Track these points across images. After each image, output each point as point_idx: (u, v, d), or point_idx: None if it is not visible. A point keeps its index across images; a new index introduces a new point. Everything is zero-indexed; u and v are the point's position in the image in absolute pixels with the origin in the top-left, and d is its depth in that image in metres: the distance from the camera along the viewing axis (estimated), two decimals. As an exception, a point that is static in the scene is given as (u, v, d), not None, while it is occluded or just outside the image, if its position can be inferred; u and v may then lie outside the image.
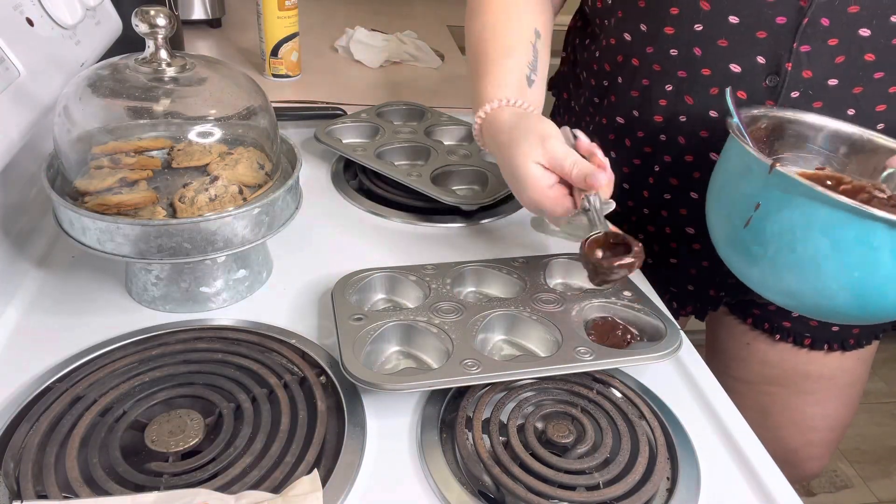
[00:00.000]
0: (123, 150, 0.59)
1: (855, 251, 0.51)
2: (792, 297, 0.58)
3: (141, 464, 0.46)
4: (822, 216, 0.51)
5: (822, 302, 0.55)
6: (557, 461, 0.48)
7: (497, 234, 0.77)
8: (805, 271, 0.54)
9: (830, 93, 0.65)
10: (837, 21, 0.62)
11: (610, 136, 0.81)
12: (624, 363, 0.55)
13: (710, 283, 0.82)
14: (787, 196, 0.53)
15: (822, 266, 0.52)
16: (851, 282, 0.52)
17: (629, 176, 0.82)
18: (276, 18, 1.11)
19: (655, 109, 0.74)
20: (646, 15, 0.70)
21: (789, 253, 0.54)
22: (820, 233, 0.52)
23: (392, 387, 0.50)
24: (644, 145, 0.77)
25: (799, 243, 0.53)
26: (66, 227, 0.57)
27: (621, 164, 0.82)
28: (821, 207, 0.51)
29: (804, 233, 0.53)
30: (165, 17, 0.56)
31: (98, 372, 0.53)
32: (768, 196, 0.55)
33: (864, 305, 0.54)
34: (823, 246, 0.52)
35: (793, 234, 0.53)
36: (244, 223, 0.57)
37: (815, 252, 0.52)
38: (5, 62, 0.62)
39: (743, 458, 0.51)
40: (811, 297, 0.56)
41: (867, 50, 0.63)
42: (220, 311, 0.62)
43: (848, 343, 0.84)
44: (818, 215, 0.52)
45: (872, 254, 0.50)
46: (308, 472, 0.46)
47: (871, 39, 0.62)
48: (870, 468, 1.74)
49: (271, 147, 0.63)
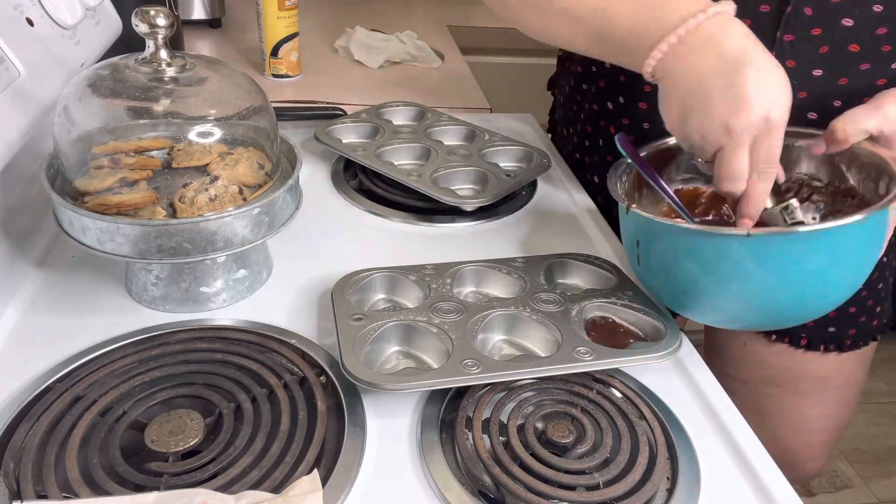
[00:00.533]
0: (123, 150, 0.59)
1: (721, 267, 0.53)
2: (705, 317, 0.60)
3: (141, 464, 0.46)
4: (682, 244, 0.55)
5: (723, 315, 0.59)
6: (557, 461, 0.48)
7: (497, 234, 0.77)
8: (693, 293, 0.56)
9: (815, 83, 0.65)
10: (820, 10, 0.62)
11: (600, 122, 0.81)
12: (624, 363, 0.55)
13: None
14: (651, 231, 0.57)
15: (702, 285, 0.55)
16: (734, 294, 0.54)
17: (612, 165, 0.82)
18: (276, 18, 1.11)
19: (640, 96, 0.74)
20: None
21: (673, 280, 0.57)
22: (687, 258, 0.54)
23: (392, 387, 0.50)
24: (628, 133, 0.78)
25: (676, 270, 0.56)
26: (66, 227, 0.57)
27: (607, 152, 0.82)
28: (677, 236, 0.55)
29: (676, 260, 0.56)
30: (165, 17, 0.56)
31: (98, 372, 0.53)
32: (641, 234, 0.59)
33: (764, 312, 0.56)
34: (694, 268, 0.54)
35: (668, 263, 0.57)
36: (244, 223, 0.57)
37: (691, 275, 0.55)
38: (5, 62, 0.62)
39: (743, 458, 0.51)
40: (713, 313, 0.59)
41: (851, 40, 0.62)
42: (220, 311, 0.62)
43: (845, 344, 0.84)
44: (679, 243, 0.55)
45: (737, 265, 0.52)
46: (308, 472, 0.46)
47: (854, 30, 0.62)
48: (870, 468, 1.74)
49: (271, 147, 0.63)
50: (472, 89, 1.18)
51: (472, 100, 1.14)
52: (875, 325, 0.85)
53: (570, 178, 0.88)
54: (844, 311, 0.82)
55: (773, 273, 0.52)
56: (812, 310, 0.57)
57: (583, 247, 0.74)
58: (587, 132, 0.85)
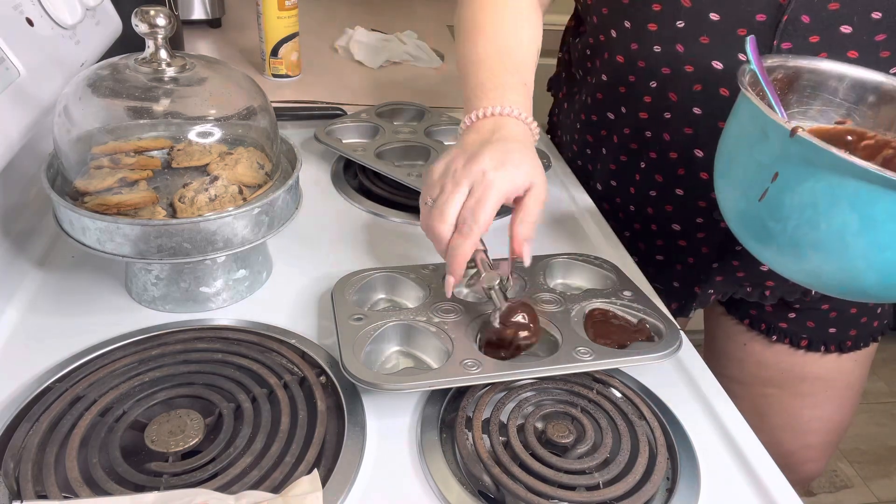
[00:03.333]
0: (123, 150, 0.59)
1: (887, 228, 0.45)
2: (813, 277, 0.52)
3: (141, 464, 0.46)
4: (850, 189, 0.45)
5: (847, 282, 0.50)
6: (557, 461, 0.48)
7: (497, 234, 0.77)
8: (830, 250, 0.48)
9: None
10: (818, 18, 0.62)
11: (602, 131, 0.82)
12: (624, 363, 0.55)
13: (696, 280, 0.82)
14: (809, 166, 0.47)
15: (849, 244, 0.47)
16: (882, 261, 0.47)
17: (616, 172, 0.82)
18: (276, 18, 1.11)
19: (640, 106, 0.74)
20: (629, 12, 0.70)
21: (812, 230, 0.48)
22: (848, 207, 0.46)
23: (392, 387, 0.50)
24: (630, 142, 0.78)
25: (823, 219, 0.47)
26: (66, 227, 0.57)
27: (609, 160, 0.82)
28: (849, 179, 0.45)
29: (829, 207, 0.47)
30: (165, 17, 0.56)
31: (98, 372, 0.53)
32: (788, 166, 0.49)
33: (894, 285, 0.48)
34: (851, 222, 0.46)
35: (816, 209, 0.48)
36: (244, 223, 0.57)
37: (842, 229, 0.47)
38: (5, 62, 0.62)
39: (743, 458, 0.51)
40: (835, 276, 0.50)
41: (849, 47, 0.62)
42: (220, 311, 0.62)
43: (845, 345, 0.84)
44: (846, 188, 0.46)
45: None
46: (308, 472, 0.46)
47: (852, 36, 0.62)
48: (870, 468, 1.74)
49: (271, 147, 0.63)
50: (472, 89, 1.18)
51: (472, 100, 1.13)
52: (875, 326, 0.84)
53: (570, 178, 0.88)
54: (845, 312, 0.82)
55: None
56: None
57: (583, 247, 0.74)
58: (587, 141, 0.85)
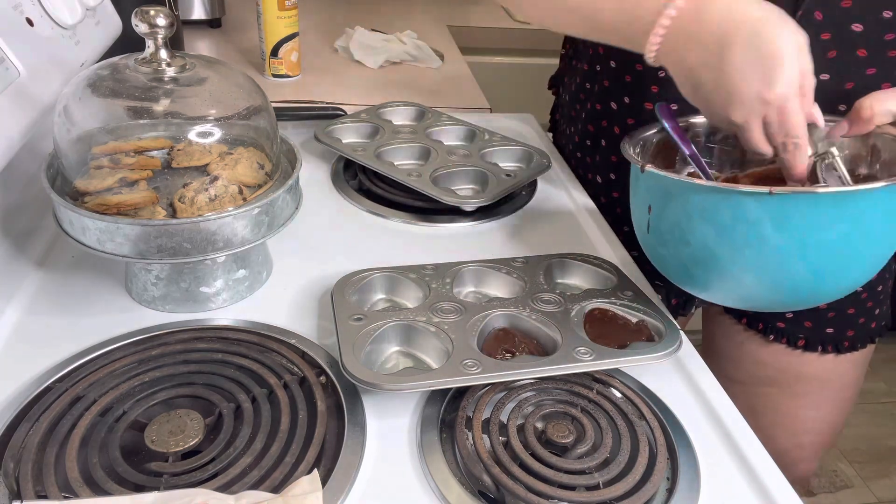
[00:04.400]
0: (123, 150, 0.59)
1: (737, 230, 0.51)
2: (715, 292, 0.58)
3: (141, 464, 0.46)
4: (696, 204, 0.52)
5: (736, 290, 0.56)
6: (557, 461, 0.48)
7: (497, 234, 0.77)
8: (705, 262, 0.54)
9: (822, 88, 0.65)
10: (830, 15, 0.62)
11: (602, 122, 0.81)
12: (624, 363, 0.55)
13: None
14: (665, 193, 0.55)
15: (715, 252, 0.53)
16: (748, 262, 0.52)
17: (616, 165, 0.82)
18: (276, 18, 1.11)
19: (647, 96, 0.74)
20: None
21: (685, 247, 0.55)
22: (700, 220, 0.52)
23: (392, 387, 0.50)
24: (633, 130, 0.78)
25: (689, 235, 0.54)
26: (65, 227, 0.57)
27: (609, 152, 0.82)
28: (692, 195, 0.52)
29: (688, 224, 0.53)
30: (165, 17, 0.56)
31: (98, 372, 0.53)
32: (654, 197, 0.56)
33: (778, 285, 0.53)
34: (709, 232, 0.52)
35: (681, 228, 0.54)
36: (244, 223, 0.57)
37: (705, 240, 0.53)
38: (5, 62, 0.62)
39: (743, 458, 0.51)
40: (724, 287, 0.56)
41: (860, 45, 0.63)
42: (220, 311, 0.62)
43: (842, 346, 0.84)
44: (693, 203, 0.53)
45: (754, 228, 0.50)
46: (308, 472, 0.46)
47: (863, 35, 0.62)
48: (870, 468, 1.74)
49: (271, 147, 0.63)
50: (472, 89, 1.18)
51: (471, 100, 1.14)
52: (873, 327, 0.84)
53: (570, 178, 0.88)
54: (843, 312, 0.82)
55: (793, 239, 0.50)
56: (828, 288, 0.55)
57: (583, 247, 0.74)
58: (588, 131, 0.85)
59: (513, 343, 0.57)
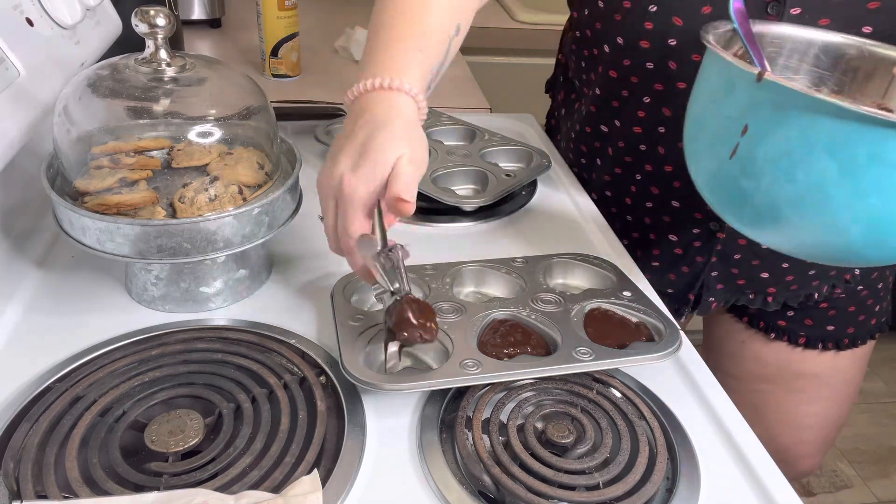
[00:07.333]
0: (123, 150, 0.59)
1: (869, 172, 0.42)
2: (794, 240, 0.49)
3: (141, 464, 0.46)
4: (826, 132, 0.42)
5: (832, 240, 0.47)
6: (557, 461, 0.48)
7: (497, 234, 0.77)
8: (809, 204, 0.45)
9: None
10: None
11: (595, 143, 0.82)
12: (624, 363, 0.55)
13: (690, 287, 0.82)
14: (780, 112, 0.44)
15: (829, 195, 0.44)
16: (867, 211, 0.43)
17: (611, 184, 0.82)
18: (276, 18, 1.11)
19: (635, 120, 0.75)
20: (621, 28, 0.70)
21: (788, 183, 0.45)
22: (825, 153, 0.43)
23: (392, 387, 0.50)
24: (625, 155, 0.78)
25: (799, 169, 0.44)
26: (65, 227, 0.57)
27: (604, 171, 0.83)
28: (824, 121, 0.42)
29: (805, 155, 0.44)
30: (165, 17, 0.56)
31: (98, 372, 0.53)
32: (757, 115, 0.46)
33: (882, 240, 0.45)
34: (830, 169, 0.43)
35: (791, 159, 0.44)
36: (244, 223, 0.57)
37: (821, 178, 0.43)
38: (5, 62, 0.62)
39: (743, 458, 0.51)
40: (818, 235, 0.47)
41: None
42: (219, 311, 0.62)
43: (842, 342, 0.84)
44: (821, 131, 0.42)
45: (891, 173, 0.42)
46: (308, 472, 0.46)
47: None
48: (870, 468, 1.74)
49: (271, 147, 0.63)
50: (472, 89, 1.18)
51: (472, 100, 1.14)
52: (874, 323, 0.85)
53: (569, 178, 0.88)
54: (844, 310, 0.82)
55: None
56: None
57: (583, 247, 0.74)
58: (583, 151, 0.86)
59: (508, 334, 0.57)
